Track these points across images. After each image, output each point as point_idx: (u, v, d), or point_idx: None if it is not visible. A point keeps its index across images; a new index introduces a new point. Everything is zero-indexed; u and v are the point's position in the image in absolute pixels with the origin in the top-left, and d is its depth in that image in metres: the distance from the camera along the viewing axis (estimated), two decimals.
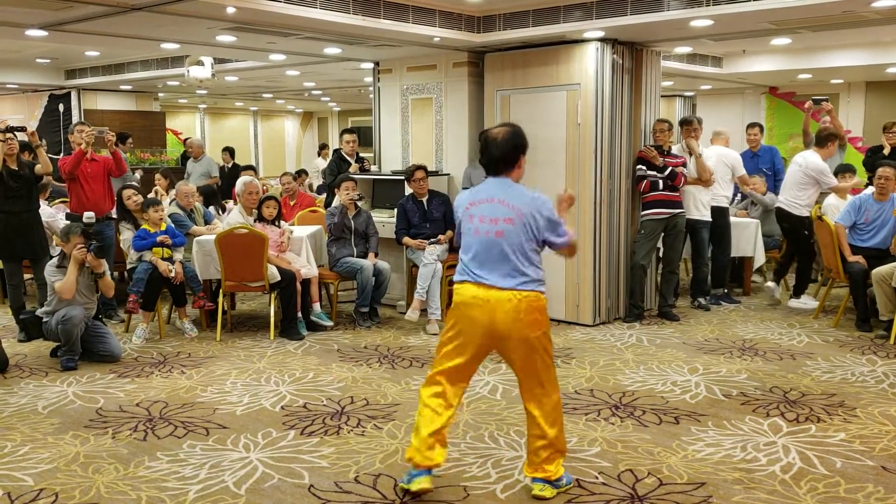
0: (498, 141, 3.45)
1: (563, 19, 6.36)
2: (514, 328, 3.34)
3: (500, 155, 3.44)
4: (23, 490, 3.63)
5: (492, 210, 3.40)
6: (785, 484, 3.63)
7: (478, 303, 3.37)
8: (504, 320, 3.34)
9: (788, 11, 5.61)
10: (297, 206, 8.53)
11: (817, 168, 7.28)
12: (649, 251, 7.03)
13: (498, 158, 3.45)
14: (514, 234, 3.36)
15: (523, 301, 3.34)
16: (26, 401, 4.92)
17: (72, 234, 5.66)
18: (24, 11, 5.92)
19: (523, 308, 3.33)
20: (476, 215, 3.44)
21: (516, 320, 3.33)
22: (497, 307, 3.34)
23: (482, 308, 3.36)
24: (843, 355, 5.85)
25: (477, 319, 3.38)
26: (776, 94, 13.04)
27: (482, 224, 3.41)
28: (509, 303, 3.33)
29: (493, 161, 3.47)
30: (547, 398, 3.45)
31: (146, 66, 10.67)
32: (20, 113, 13.57)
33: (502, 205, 3.39)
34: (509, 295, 3.33)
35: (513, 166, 3.47)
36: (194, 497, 3.54)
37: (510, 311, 3.33)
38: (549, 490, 3.50)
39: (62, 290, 5.55)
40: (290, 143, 21.33)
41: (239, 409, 4.75)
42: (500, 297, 3.34)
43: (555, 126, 6.84)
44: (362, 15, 6.02)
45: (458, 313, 3.45)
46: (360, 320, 6.90)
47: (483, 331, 3.39)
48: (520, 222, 3.36)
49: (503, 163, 3.45)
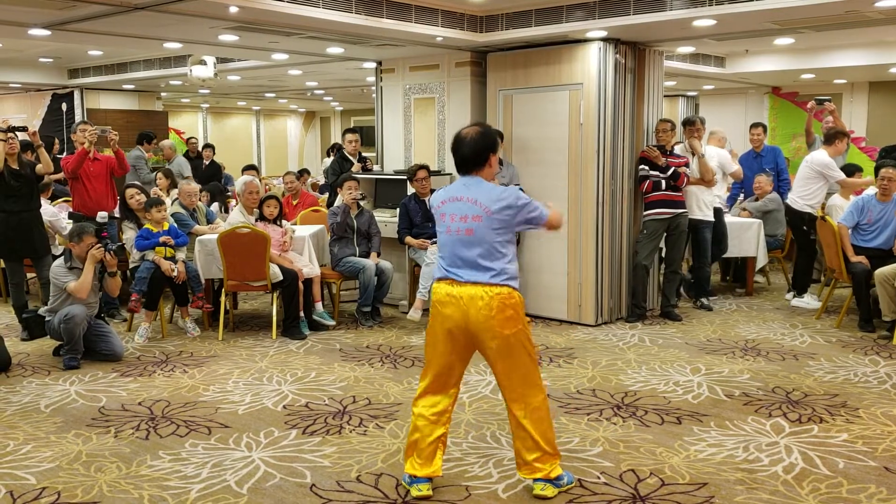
0: (468, 140, 3.47)
1: (566, 19, 6.36)
2: (488, 325, 3.34)
3: (469, 154, 3.47)
4: (25, 488, 3.64)
5: (461, 208, 3.44)
6: (787, 484, 3.63)
7: (451, 300, 3.40)
8: (477, 318, 3.35)
9: (791, 11, 5.60)
10: (300, 205, 8.54)
11: (822, 162, 7.32)
12: (652, 251, 7.03)
13: (467, 157, 3.48)
14: (483, 230, 3.38)
15: (495, 298, 3.34)
16: (29, 399, 4.93)
17: (84, 235, 5.66)
18: (28, 11, 5.92)
19: (495, 305, 3.33)
20: (447, 213, 3.48)
21: (489, 318, 3.33)
22: (470, 304, 3.36)
23: (455, 305, 3.39)
24: (845, 356, 5.84)
25: (451, 317, 3.40)
26: (779, 94, 13.03)
27: (453, 222, 3.45)
28: (481, 300, 3.34)
29: (463, 160, 3.50)
30: (531, 398, 3.43)
31: (149, 65, 10.68)
32: (23, 112, 13.58)
33: (471, 203, 3.42)
34: (481, 292, 3.35)
35: (482, 165, 3.48)
36: (196, 496, 3.55)
37: (482, 308, 3.33)
38: (549, 489, 3.50)
39: (78, 290, 5.56)
40: (293, 142, 21.34)
41: (241, 408, 4.75)
42: (473, 293, 3.36)
43: (557, 126, 6.84)
44: (365, 14, 6.02)
45: (435, 312, 3.48)
46: (363, 320, 6.90)
47: (458, 328, 3.41)
48: (488, 219, 3.38)
49: (473, 162, 3.48)
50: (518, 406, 3.44)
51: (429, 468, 3.52)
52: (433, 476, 3.55)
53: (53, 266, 5.75)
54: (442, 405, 3.52)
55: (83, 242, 5.65)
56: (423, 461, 3.51)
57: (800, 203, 7.47)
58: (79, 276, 5.62)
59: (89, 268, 5.59)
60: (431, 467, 3.52)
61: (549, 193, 6.96)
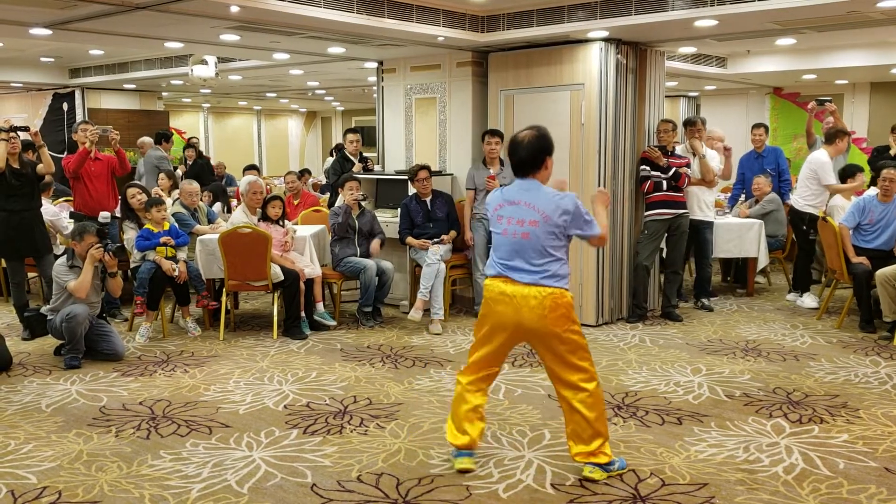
0: (524, 144, 3.58)
1: (567, 19, 6.36)
2: (541, 324, 3.51)
3: (526, 157, 3.59)
4: (26, 488, 3.64)
5: (518, 212, 3.58)
6: (787, 485, 3.63)
7: (504, 299, 3.57)
8: (530, 317, 3.52)
9: (793, 11, 5.60)
10: (301, 204, 8.54)
11: (818, 162, 7.38)
12: (652, 252, 7.03)
13: (524, 160, 3.59)
14: (538, 235, 3.53)
15: (548, 298, 3.50)
16: (30, 399, 4.93)
17: (86, 234, 5.67)
18: (29, 10, 5.93)
19: (548, 305, 3.50)
20: (504, 216, 3.63)
21: (542, 317, 3.50)
22: (523, 304, 3.53)
23: (509, 304, 3.56)
24: (846, 356, 5.84)
25: (504, 314, 3.59)
26: (780, 94, 13.02)
27: (510, 225, 3.60)
28: (534, 300, 3.50)
29: (519, 163, 3.62)
30: (585, 383, 3.59)
31: (150, 65, 10.69)
32: (24, 112, 13.59)
33: (528, 207, 3.56)
34: (535, 292, 3.51)
35: (539, 168, 3.60)
36: (197, 495, 3.55)
37: (535, 307, 3.50)
38: (598, 472, 3.65)
39: (77, 289, 5.56)
40: (294, 142, 21.33)
41: (242, 407, 4.75)
42: (526, 293, 3.52)
43: (559, 126, 6.83)
44: (366, 14, 6.02)
45: (488, 308, 3.67)
46: (364, 320, 6.90)
47: (510, 324, 3.59)
48: (544, 224, 3.52)
49: (529, 165, 3.59)
50: (571, 394, 3.60)
51: (465, 438, 3.75)
52: (471, 447, 3.78)
53: (56, 265, 5.76)
54: (483, 380, 3.78)
55: (84, 242, 5.66)
56: (461, 430, 3.75)
57: (801, 203, 7.51)
58: (79, 275, 5.62)
59: (88, 267, 5.59)
60: (467, 437, 3.75)
61: None
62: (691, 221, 7.16)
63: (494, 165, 6.99)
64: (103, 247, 5.64)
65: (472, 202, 7.10)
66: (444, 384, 5.20)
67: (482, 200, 7.04)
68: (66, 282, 5.61)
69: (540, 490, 3.59)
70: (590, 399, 3.57)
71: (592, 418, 3.58)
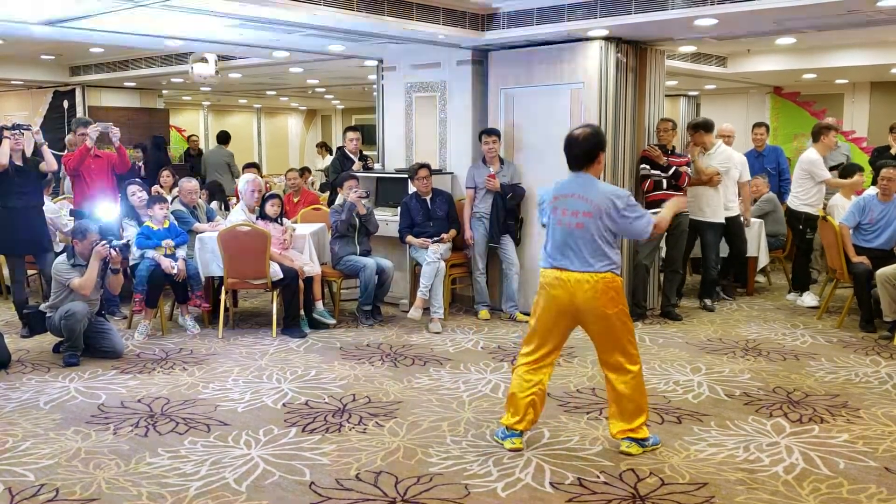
0: (579, 140, 3.88)
1: (568, 17, 6.35)
2: (593, 306, 3.82)
3: (580, 153, 3.88)
4: (24, 485, 3.63)
5: (574, 204, 3.87)
6: (788, 485, 3.62)
7: (560, 283, 3.88)
8: (584, 299, 3.83)
9: (793, 10, 5.59)
10: (301, 202, 8.53)
11: (808, 160, 7.42)
12: (652, 251, 7.01)
13: (578, 156, 3.89)
14: (591, 225, 3.82)
15: (600, 282, 3.81)
16: (28, 396, 4.92)
17: (88, 232, 5.66)
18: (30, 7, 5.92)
19: (600, 288, 3.81)
20: (559, 208, 3.92)
21: (594, 299, 3.81)
22: (577, 288, 3.83)
23: (563, 288, 3.86)
24: (846, 356, 5.83)
25: (559, 297, 3.88)
26: (781, 93, 13.01)
27: (565, 216, 3.89)
28: (587, 283, 3.82)
29: (573, 158, 3.91)
30: (630, 365, 3.89)
31: (150, 62, 10.68)
32: (25, 109, 13.58)
33: (582, 200, 3.85)
34: (588, 277, 3.82)
35: (591, 163, 3.89)
36: (195, 493, 3.54)
37: (588, 290, 3.81)
38: (634, 447, 3.93)
39: (82, 287, 5.56)
40: (294, 140, 21.32)
41: (240, 405, 4.74)
42: (580, 279, 3.83)
43: (558, 125, 6.81)
44: (367, 12, 6.01)
45: (544, 293, 3.96)
46: (363, 318, 6.89)
47: (565, 307, 3.89)
48: (597, 215, 3.82)
49: (584, 159, 3.88)
50: (615, 377, 3.90)
51: (522, 423, 4.00)
52: (524, 430, 4.04)
53: (56, 263, 5.75)
54: (539, 370, 3.99)
55: (87, 240, 5.65)
56: (519, 416, 3.99)
57: (796, 202, 7.53)
58: (82, 272, 5.61)
59: (94, 265, 5.59)
60: (523, 423, 4.00)
61: None
62: (695, 222, 7.15)
63: (494, 164, 6.98)
64: (108, 243, 5.63)
65: (473, 201, 7.09)
66: (443, 383, 5.20)
67: (482, 199, 7.04)
68: (68, 279, 5.61)
69: (539, 489, 3.58)
70: (633, 381, 3.88)
71: (636, 397, 3.88)
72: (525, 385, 3.96)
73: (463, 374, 5.41)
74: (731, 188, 7.47)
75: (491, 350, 6.04)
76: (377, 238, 7.16)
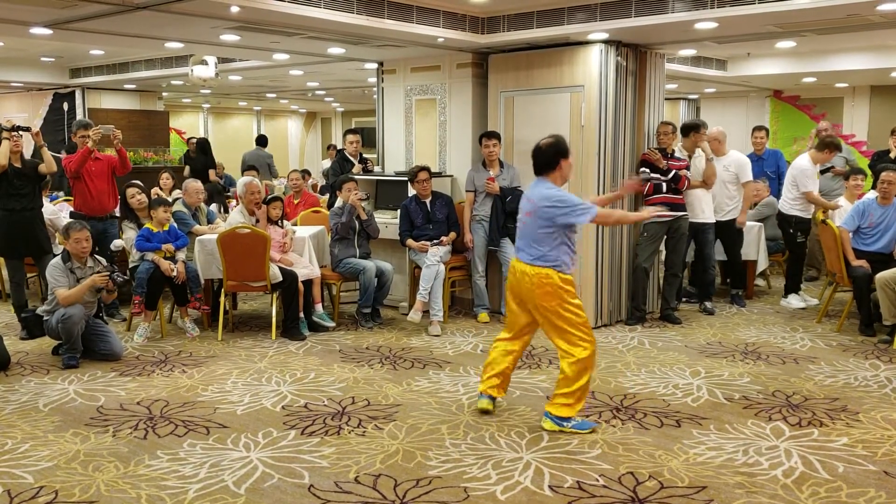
0: (542, 149, 4.31)
1: (568, 21, 6.35)
2: (531, 297, 4.27)
3: (539, 159, 4.31)
4: (23, 487, 3.63)
5: (525, 203, 4.34)
6: (787, 488, 3.62)
7: (514, 273, 4.37)
8: (525, 289, 4.29)
9: (793, 14, 5.60)
10: (301, 204, 8.53)
11: (798, 168, 7.47)
12: (652, 254, 7.02)
13: (538, 163, 4.32)
14: (531, 222, 4.25)
15: (535, 277, 4.22)
16: (27, 398, 4.92)
17: (72, 231, 5.64)
18: (30, 9, 5.92)
19: (536, 283, 4.23)
20: (522, 207, 4.38)
21: (531, 291, 4.25)
22: (522, 279, 4.30)
23: (515, 277, 4.36)
24: (846, 359, 5.83)
25: (512, 285, 4.40)
26: (780, 97, 13.03)
27: (520, 214, 4.38)
28: (527, 276, 4.26)
29: (535, 165, 4.34)
30: (568, 356, 4.23)
31: (150, 65, 10.69)
32: (24, 111, 13.59)
33: (528, 200, 4.31)
34: (529, 270, 4.25)
35: (552, 169, 4.28)
36: (194, 496, 3.54)
37: (527, 283, 4.27)
38: (548, 423, 4.31)
39: (65, 301, 5.54)
40: (294, 143, 21.33)
41: (240, 408, 4.74)
42: (525, 270, 4.28)
43: (558, 128, 6.79)
44: (366, 15, 6.01)
45: (508, 280, 4.49)
46: (363, 321, 6.89)
47: (515, 294, 4.40)
48: (535, 214, 4.22)
49: (543, 166, 4.30)
50: (560, 354, 4.29)
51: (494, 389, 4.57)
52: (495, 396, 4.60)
53: (50, 265, 5.70)
54: (511, 347, 4.51)
55: (71, 238, 5.63)
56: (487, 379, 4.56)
57: (787, 206, 7.54)
58: (75, 280, 5.60)
59: (85, 287, 5.57)
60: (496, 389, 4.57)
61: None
62: (693, 224, 7.15)
63: (494, 167, 6.98)
64: (109, 275, 5.63)
65: (472, 204, 7.09)
66: (442, 385, 5.19)
67: (482, 202, 7.04)
68: (59, 285, 5.59)
69: (538, 492, 3.58)
70: (572, 366, 4.21)
71: (570, 380, 4.22)
72: (498, 363, 4.50)
73: (462, 376, 5.40)
74: (731, 191, 7.47)
75: None
76: (377, 241, 7.16)
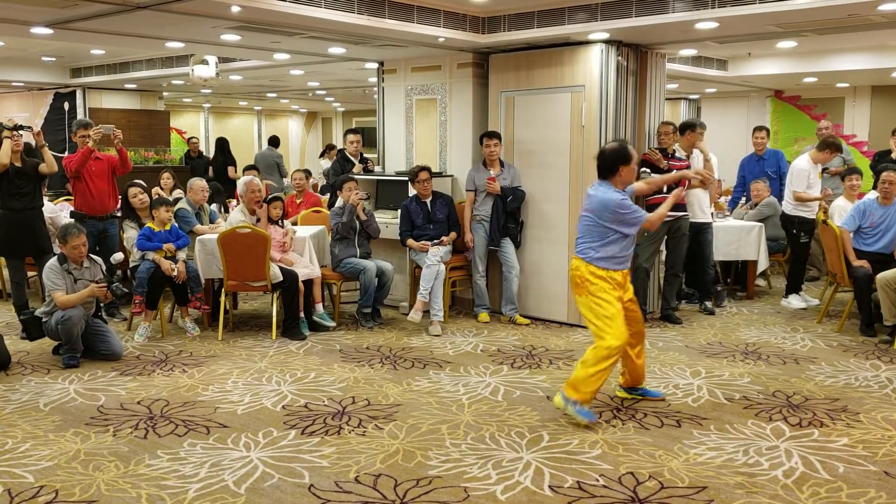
0: (605, 154, 4.52)
1: (568, 21, 6.35)
2: (570, 284, 4.63)
3: (601, 164, 4.51)
4: (23, 487, 3.63)
5: (586, 201, 4.57)
6: (787, 489, 3.62)
7: None
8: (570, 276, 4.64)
9: (794, 14, 5.60)
10: (303, 204, 8.53)
11: (794, 168, 7.47)
12: (652, 254, 7.01)
13: (600, 166, 4.52)
14: (582, 219, 4.56)
15: (572, 267, 4.56)
16: (28, 398, 4.92)
17: (69, 236, 5.61)
18: (30, 9, 5.92)
19: (570, 273, 4.59)
20: (583, 205, 4.62)
21: (571, 278, 4.59)
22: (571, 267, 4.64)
23: None
24: (846, 360, 5.83)
25: None
26: (781, 97, 13.02)
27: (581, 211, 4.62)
28: (571, 264, 4.59)
29: (598, 168, 4.55)
30: (596, 339, 4.43)
31: (151, 64, 10.69)
32: (25, 111, 13.60)
33: (588, 199, 4.54)
34: (572, 261, 4.58)
35: (612, 173, 4.48)
36: (194, 495, 3.54)
37: (570, 270, 4.61)
38: (557, 399, 4.52)
39: (62, 305, 5.54)
40: (294, 143, 21.33)
41: (240, 408, 4.74)
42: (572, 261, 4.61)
43: (559, 128, 6.83)
44: (367, 15, 6.01)
45: None
46: (363, 321, 6.89)
47: None
48: (587, 211, 4.50)
49: (604, 170, 4.50)
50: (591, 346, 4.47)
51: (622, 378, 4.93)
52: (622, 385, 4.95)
53: (46, 268, 5.66)
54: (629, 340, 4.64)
55: (68, 244, 5.61)
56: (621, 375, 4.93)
57: (789, 207, 7.53)
58: (72, 282, 5.60)
59: (83, 295, 5.58)
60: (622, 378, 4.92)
61: (551, 195, 6.96)
62: (693, 224, 7.14)
63: (495, 167, 6.98)
64: (107, 285, 5.63)
65: (473, 204, 7.09)
66: (442, 385, 5.19)
67: (482, 202, 7.04)
68: (56, 287, 5.58)
69: (538, 492, 3.58)
70: (593, 351, 4.38)
71: (588, 363, 4.37)
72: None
73: (462, 376, 5.40)
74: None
75: (490, 353, 6.03)
76: (377, 240, 7.16)
